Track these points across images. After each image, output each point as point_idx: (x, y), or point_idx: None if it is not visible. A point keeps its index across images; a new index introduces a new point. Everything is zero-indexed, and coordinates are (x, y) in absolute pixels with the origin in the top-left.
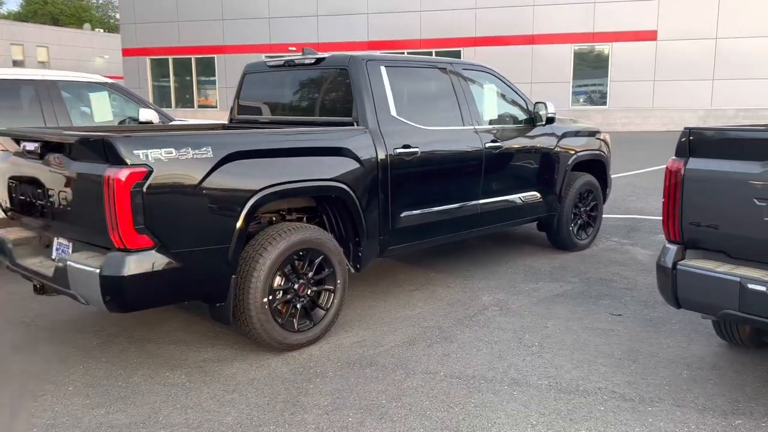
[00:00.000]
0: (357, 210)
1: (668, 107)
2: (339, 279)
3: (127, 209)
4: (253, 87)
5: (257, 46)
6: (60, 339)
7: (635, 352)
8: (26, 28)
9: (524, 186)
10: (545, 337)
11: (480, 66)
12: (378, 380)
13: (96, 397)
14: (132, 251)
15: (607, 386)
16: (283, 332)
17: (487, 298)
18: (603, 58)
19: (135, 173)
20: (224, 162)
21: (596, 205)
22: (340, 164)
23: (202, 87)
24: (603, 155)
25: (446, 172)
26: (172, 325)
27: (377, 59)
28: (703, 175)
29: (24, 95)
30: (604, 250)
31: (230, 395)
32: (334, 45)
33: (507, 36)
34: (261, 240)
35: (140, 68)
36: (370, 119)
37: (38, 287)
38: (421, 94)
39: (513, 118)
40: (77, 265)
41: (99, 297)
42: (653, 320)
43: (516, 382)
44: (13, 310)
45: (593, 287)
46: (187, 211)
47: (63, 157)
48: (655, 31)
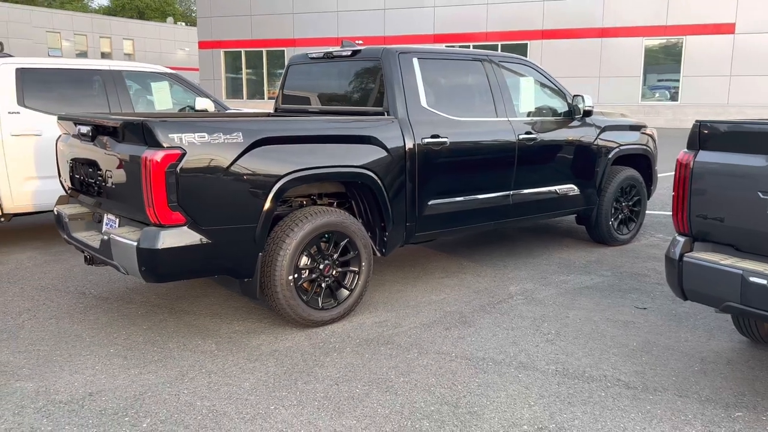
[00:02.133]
0: (383, 196)
1: (745, 104)
2: (364, 262)
3: (161, 188)
4: (297, 78)
5: (326, 39)
6: (109, 307)
7: (651, 344)
8: (114, 21)
9: (560, 178)
10: (563, 326)
11: (518, 58)
12: (391, 357)
13: (133, 359)
14: (166, 227)
15: (613, 374)
16: (308, 309)
17: (514, 288)
18: (676, 52)
19: (169, 155)
20: (253, 147)
21: (639, 200)
22: (368, 152)
23: (273, 79)
24: (648, 150)
25: (476, 163)
26: (212, 300)
27: (410, 51)
28: (711, 168)
29: (93, 84)
30: (645, 246)
31: (252, 363)
32: (401, 38)
33: (576, 29)
34: (288, 222)
35: (215, 60)
36: (400, 109)
37: (88, 258)
38: (454, 85)
39: (550, 110)
40: (118, 238)
41: (136, 267)
42: (678, 315)
43: (523, 365)
44: (73, 280)
45: (624, 281)
46: (217, 191)
47: (110, 140)
48: (733, 23)
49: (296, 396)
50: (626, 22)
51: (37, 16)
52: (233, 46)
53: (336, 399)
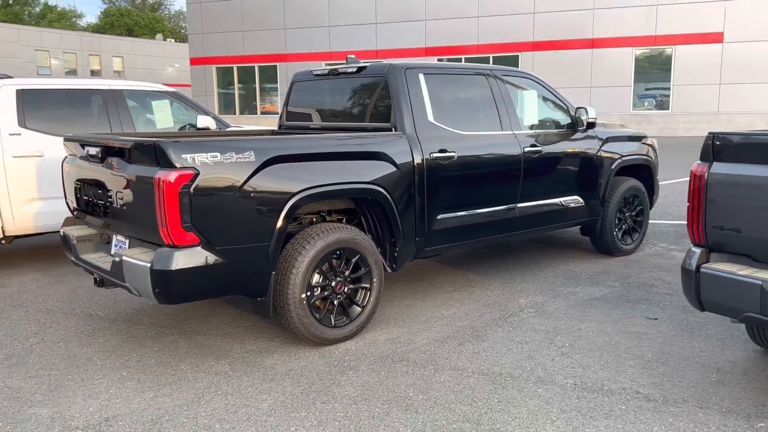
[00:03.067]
0: (393, 212)
1: (735, 111)
2: (375, 278)
3: (175, 209)
4: (301, 95)
5: (318, 54)
6: (118, 329)
7: (666, 355)
8: (103, 39)
9: (565, 190)
10: (577, 338)
11: (521, 72)
12: (407, 374)
13: (146, 382)
14: (180, 247)
15: (632, 387)
16: (321, 327)
17: (523, 301)
18: (665, 62)
19: (183, 175)
20: (265, 165)
21: (642, 210)
22: (377, 168)
23: (266, 94)
24: (650, 160)
25: (483, 176)
26: (221, 319)
27: (416, 67)
28: (726, 179)
29: (93, 103)
30: (650, 256)
31: (268, 384)
32: (393, 52)
33: (566, 40)
34: (300, 239)
35: (206, 76)
36: (408, 125)
37: (98, 280)
38: (460, 100)
39: (554, 122)
40: (131, 260)
41: (150, 289)
42: (689, 325)
43: (542, 380)
44: (79, 302)
45: (633, 291)
46: (231, 211)
47: (120, 161)
48: (722, 32)
49: (316, 416)
50: (616, 33)
51: (25, 34)
52: (225, 61)
53: (356, 419)
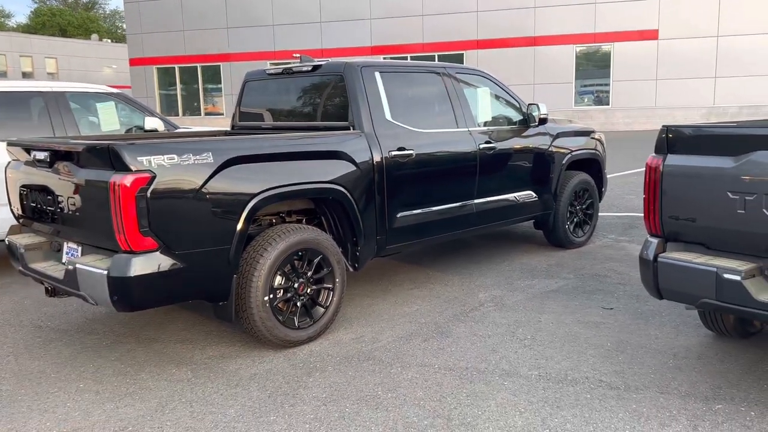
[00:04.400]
0: (354, 211)
1: (671, 106)
2: (337, 278)
3: (132, 213)
4: (254, 94)
5: (262, 53)
6: (70, 340)
7: (624, 344)
8: (35, 39)
9: (519, 185)
10: (538, 330)
11: (473, 69)
12: (375, 373)
13: (105, 393)
14: (137, 253)
15: (594, 375)
16: (284, 329)
17: (483, 295)
18: (605, 58)
19: (139, 179)
20: (224, 167)
21: (592, 203)
22: (337, 167)
23: (209, 94)
24: (598, 154)
25: (441, 174)
26: (179, 325)
27: (372, 65)
28: (681, 171)
29: (34, 106)
30: (601, 247)
31: (233, 389)
32: (338, 51)
33: (509, 38)
34: (261, 241)
35: (147, 77)
36: (366, 123)
37: (50, 290)
38: (416, 98)
39: (507, 119)
40: (86, 267)
41: (107, 297)
42: (644, 313)
43: (507, 373)
44: (27, 313)
45: (587, 283)
46: (190, 214)
47: (71, 165)
48: (657, 30)
49: (285, 420)
50: (557, 30)
51: None
52: (166, 62)
53: (326, 420)
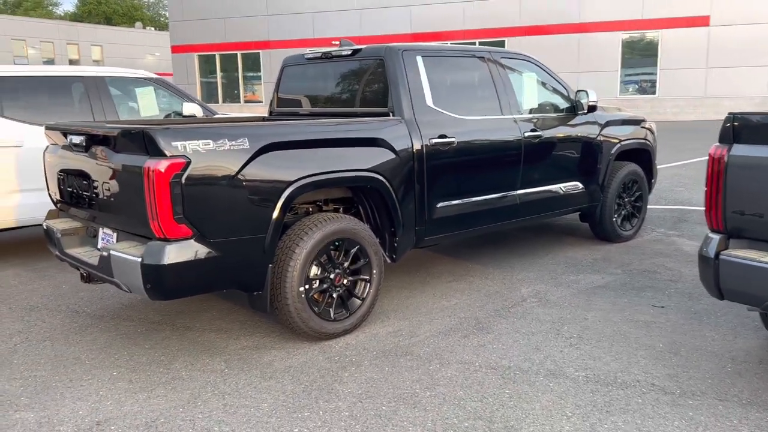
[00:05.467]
0: (392, 200)
1: (721, 95)
2: (375, 269)
3: (166, 200)
4: (292, 80)
5: (301, 41)
6: (106, 326)
7: (677, 345)
8: (81, 27)
9: (565, 176)
10: (584, 328)
11: (520, 54)
12: (412, 369)
13: (138, 383)
14: (171, 240)
15: (646, 379)
16: (320, 321)
17: (525, 290)
18: (652, 46)
19: (174, 164)
20: (261, 153)
21: (641, 195)
22: (375, 155)
23: (248, 82)
24: (648, 144)
25: (484, 162)
26: (213, 314)
27: (414, 49)
28: (748, 162)
29: (74, 91)
30: (650, 242)
31: (267, 382)
32: (377, 38)
33: (553, 25)
34: (297, 230)
35: (188, 65)
36: (406, 109)
37: (84, 276)
38: (459, 83)
39: (554, 106)
40: (120, 254)
41: (140, 285)
42: (698, 312)
43: (552, 373)
44: (64, 298)
45: (636, 279)
46: (225, 201)
47: (107, 150)
48: (708, 16)
49: (319, 416)
50: (603, 17)
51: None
52: (207, 49)
53: (362, 418)
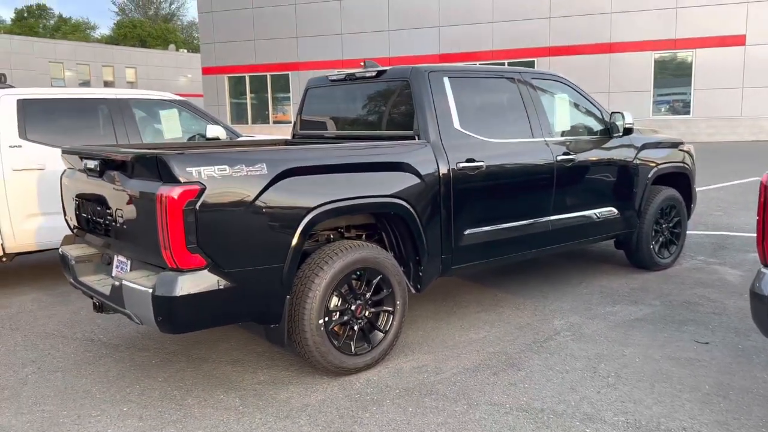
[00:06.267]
0: (417, 227)
1: (758, 116)
2: (398, 300)
3: (179, 228)
4: (316, 102)
5: (330, 62)
6: (120, 356)
7: (725, 387)
8: (116, 50)
9: (600, 201)
10: (622, 366)
11: (551, 74)
12: (438, 411)
13: (149, 420)
14: (184, 271)
15: (693, 426)
16: (340, 355)
17: (559, 322)
18: (686, 66)
19: (187, 191)
20: (279, 179)
21: (680, 221)
22: (400, 179)
23: (278, 103)
24: (687, 167)
25: (514, 187)
26: (231, 344)
27: (440, 70)
28: None
29: (99, 113)
30: (689, 270)
31: (282, 422)
32: (406, 59)
33: (583, 45)
34: (317, 259)
35: (219, 86)
36: (432, 132)
37: (97, 305)
38: (488, 105)
39: (587, 129)
40: (131, 284)
41: (151, 317)
42: (745, 350)
43: (589, 417)
44: (80, 325)
45: (677, 311)
46: (241, 229)
47: (120, 175)
48: (744, 35)
49: None
50: (634, 37)
51: (39, 46)
52: (237, 71)
53: None
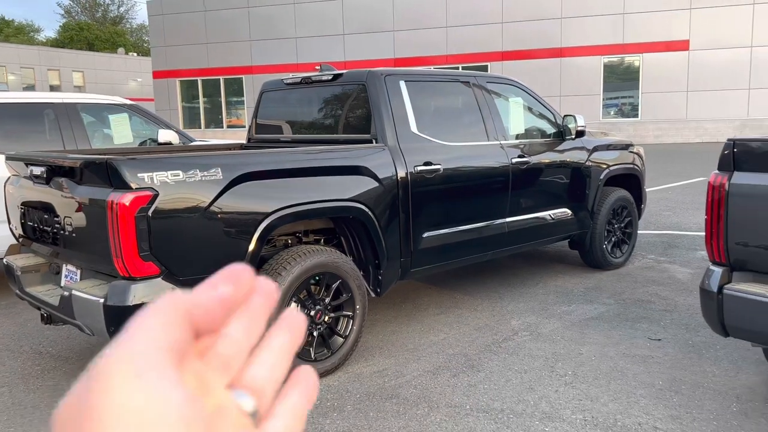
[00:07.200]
0: (376, 231)
1: (703, 118)
2: (358, 304)
3: (131, 235)
4: (271, 105)
5: (285, 66)
6: (71, 369)
7: (678, 382)
8: (62, 53)
9: (554, 202)
10: (579, 365)
11: (505, 78)
12: (399, 415)
13: None
14: (137, 279)
15: (648, 421)
16: (299, 362)
17: (516, 322)
18: (634, 70)
19: (139, 197)
20: (235, 184)
21: (631, 221)
22: (358, 183)
23: (232, 107)
24: (637, 169)
25: (471, 190)
26: None
27: (397, 73)
28: (750, 191)
29: (44, 118)
30: (641, 269)
31: None
32: (361, 63)
33: (535, 49)
34: (274, 265)
35: (170, 90)
36: (389, 136)
37: (45, 317)
38: (444, 108)
39: (541, 132)
40: (81, 294)
41: (103, 327)
42: (696, 345)
43: (548, 416)
44: (27, 338)
45: (630, 309)
46: (196, 236)
47: (68, 182)
48: (688, 40)
49: None
50: (584, 42)
51: None
52: (189, 74)
53: None
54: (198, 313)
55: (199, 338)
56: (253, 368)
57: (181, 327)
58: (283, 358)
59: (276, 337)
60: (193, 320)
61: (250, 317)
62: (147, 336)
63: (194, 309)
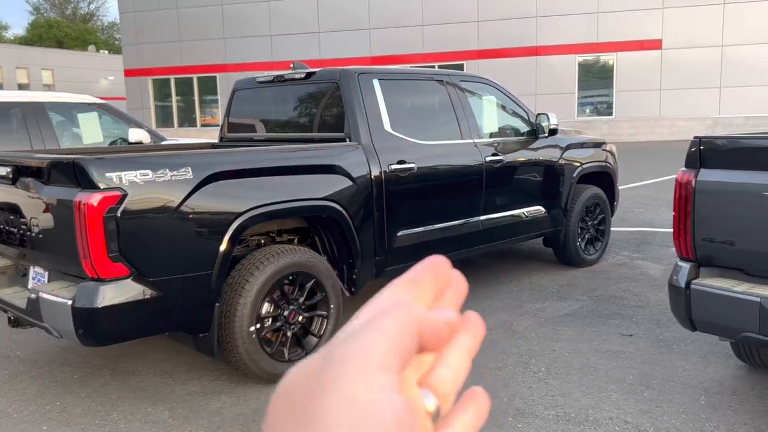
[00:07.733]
0: (350, 230)
1: (676, 116)
2: (332, 303)
3: (99, 236)
4: (244, 104)
5: (259, 64)
6: (39, 372)
7: (648, 377)
8: (31, 51)
9: (528, 200)
10: (552, 361)
11: (479, 77)
12: None
13: None
14: (106, 281)
15: (619, 416)
16: (273, 362)
17: (490, 320)
18: (608, 69)
19: (108, 197)
20: (205, 183)
21: (604, 218)
22: (332, 182)
23: (206, 106)
24: (610, 167)
25: (445, 188)
26: (159, 355)
27: (370, 72)
28: (716, 188)
29: (11, 118)
30: (614, 266)
31: None
32: (336, 61)
33: (510, 48)
34: (247, 265)
35: (142, 88)
36: (363, 134)
37: (12, 320)
38: (418, 107)
39: (514, 130)
40: (49, 296)
41: (72, 330)
42: (667, 340)
43: (521, 412)
44: None
45: (603, 305)
46: (166, 236)
47: (35, 182)
48: (660, 40)
49: None
50: (559, 40)
51: None
52: (161, 73)
53: None
54: (427, 330)
55: (421, 353)
56: (440, 369)
57: (412, 338)
58: (465, 361)
59: (462, 340)
60: (422, 334)
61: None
62: (384, 337)
63: (425, 324)
